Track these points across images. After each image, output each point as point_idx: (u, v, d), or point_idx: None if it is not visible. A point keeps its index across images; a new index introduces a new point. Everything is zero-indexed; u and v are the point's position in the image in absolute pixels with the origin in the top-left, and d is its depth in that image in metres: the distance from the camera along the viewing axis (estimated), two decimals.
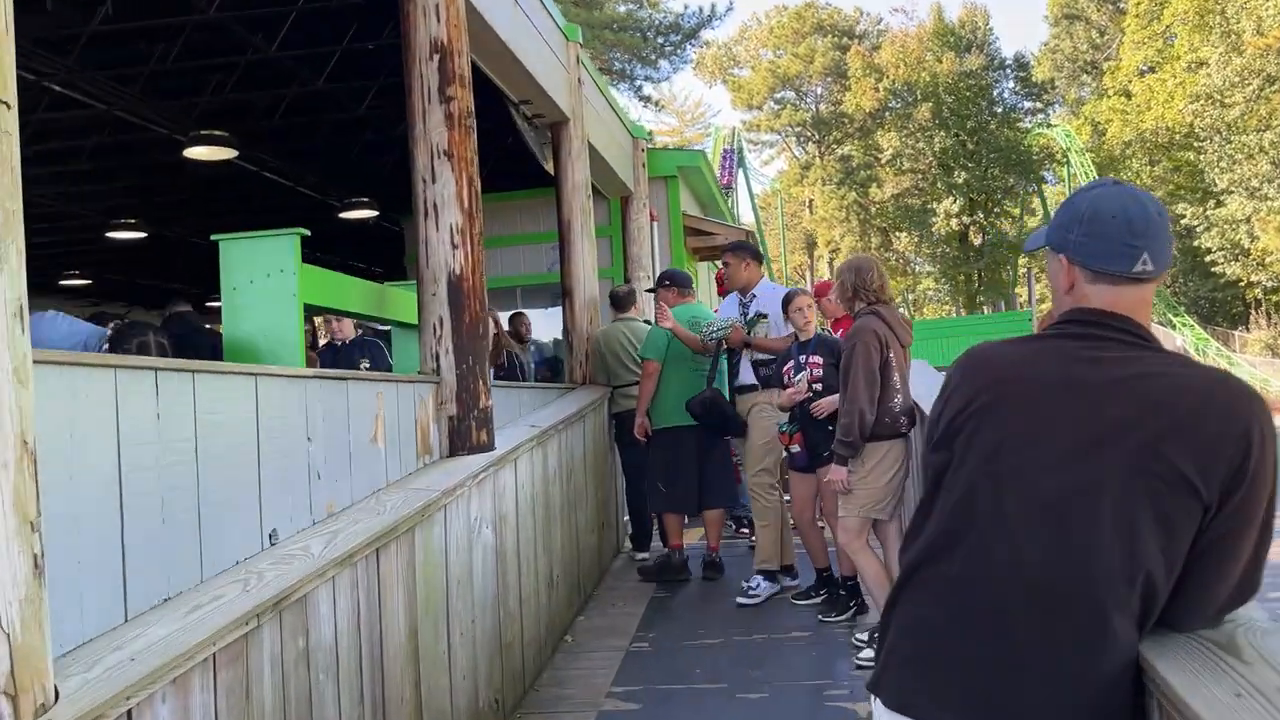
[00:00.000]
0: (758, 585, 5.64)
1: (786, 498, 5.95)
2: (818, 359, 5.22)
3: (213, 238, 3.88)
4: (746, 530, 7.07)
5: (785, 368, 5.34)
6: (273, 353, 3.80)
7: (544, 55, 6.52)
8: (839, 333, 5.97)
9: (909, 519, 5.25)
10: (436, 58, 4.33)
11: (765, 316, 5.88)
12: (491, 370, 6.54)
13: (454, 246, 4.32)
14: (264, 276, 3.82)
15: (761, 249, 12.32)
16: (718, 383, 5.90)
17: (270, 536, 2.90)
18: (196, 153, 7.51)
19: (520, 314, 9.03)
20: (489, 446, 4.39)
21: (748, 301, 6.08)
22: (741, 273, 6.11)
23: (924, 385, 4.84)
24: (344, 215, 10.19)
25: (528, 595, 4.77)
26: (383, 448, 3.71)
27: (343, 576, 2.91)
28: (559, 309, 7.35)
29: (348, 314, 5.91)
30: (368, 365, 6.43)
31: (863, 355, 4.45)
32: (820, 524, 5.59)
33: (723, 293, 7.28)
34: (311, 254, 13.11)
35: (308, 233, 3.83)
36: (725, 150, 34.13)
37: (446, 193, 4.33)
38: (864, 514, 4.61)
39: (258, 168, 8.96)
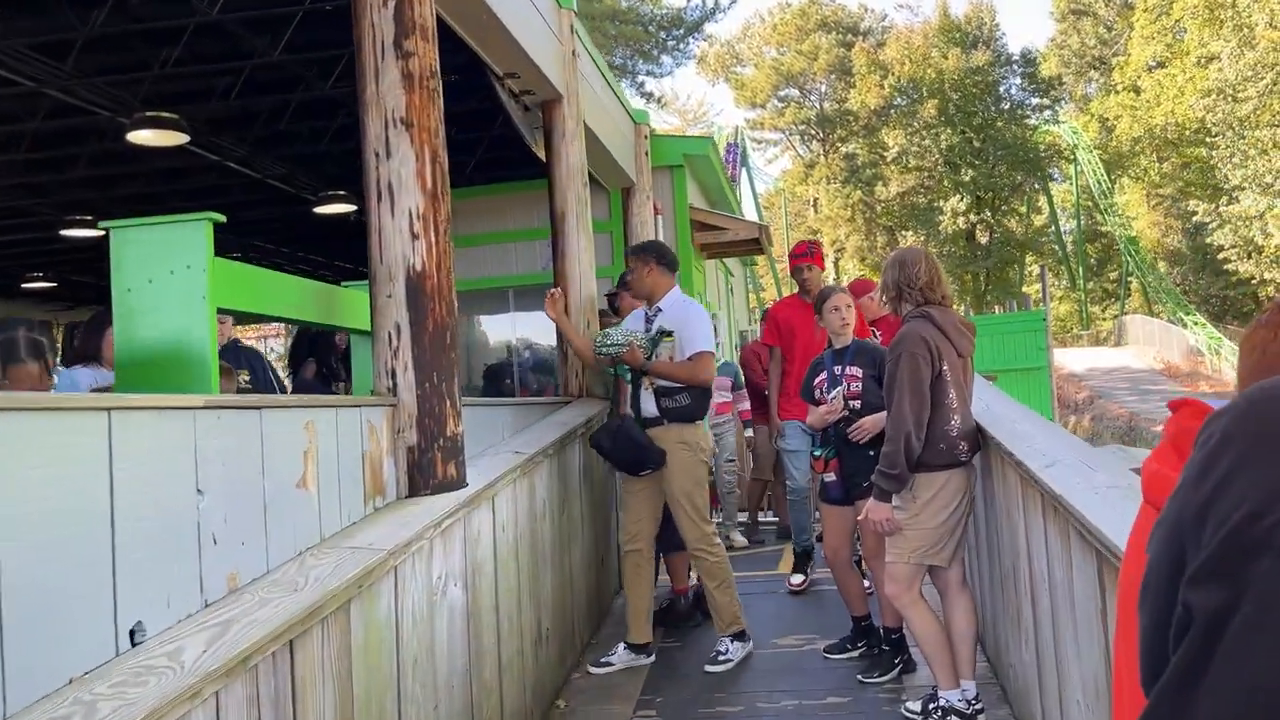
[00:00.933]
0: (728, 650, 4.74)
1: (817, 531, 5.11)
2: (856, 370, 4.39)
3: (101, 225, 3.06)
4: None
5: (818, 380, 4.51)
6: (177, 372, 2.97)
7: (532, 20, 5.69)
8: (880, 336, 5.13)
9: (973, 562, 4.45)
10: (392, 2, 3.50)
11: (670, 335, 4.75)
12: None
13: (414, 236, 3.49)
14: (166, 274, 2.99)
15: (769, 246, 11.46)
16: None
17: (132, 635, 2.07)
18: (141, 137, 6.66)
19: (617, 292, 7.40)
20: (459, 482, 3.56)
21: (652, 315, 4.93)
22: (645, 279, 4.92)
23: (989, 404, 4.00)
24: (320, 210, 9.36)
25: (509, 659, 3.94)
26: (315, 493, 2.89)
27: (232, 690, 2.08)
28: None
29: (285, 320, 5.04)
30: (247, 381, 5.40)
31: (909, 368, 3.62)
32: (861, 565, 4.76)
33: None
34: (290, 254, 12.31)
35: (221, 218, 3.00)
36: (729, 145, 33.33)
37: (405, 170, 3.50)
38: (917, 560, 3.78)
39: (220, 157, 8.11)
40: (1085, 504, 2.55)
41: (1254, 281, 40.45)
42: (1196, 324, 41.87)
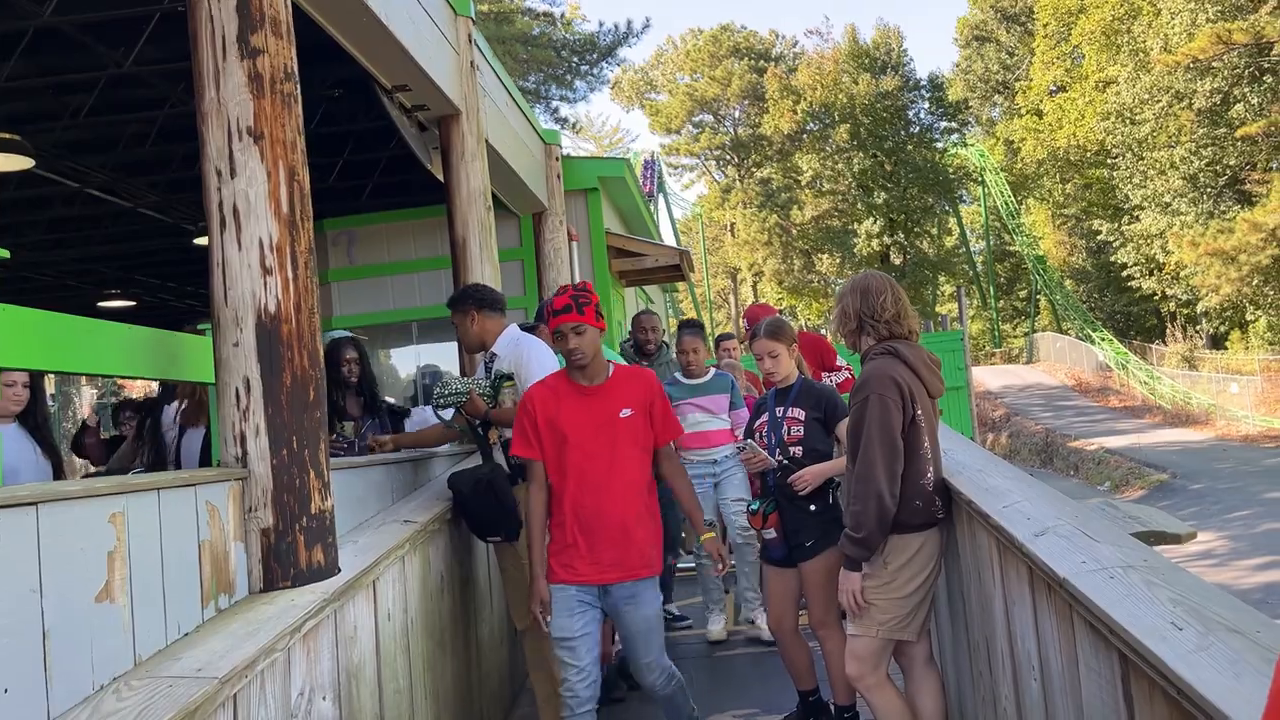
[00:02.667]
0: None
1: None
2: (798, 413, 3.86)
3: None
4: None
5: (759, 423, 3.98)
6: None
7: (423, 27, 5.10)
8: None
9: (941, 635, 3.93)
10: None
11: (510, 380, 4.18)
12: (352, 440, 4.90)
13: (266, 271, 2.87)
14: None
15: (690, 272, 11.00)
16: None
17: None
18: None
19: (645, 314, 6.42)
20: (329, 569, 2.93)
21: (489, 361, 4.38)
22: (471, 331, 4.34)
23: (944, 449, 3.50)
24: (199, 242, 8.58)
25: None
26: (125, 605, 2.24)
27: None
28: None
29: (109, 376, 4.31)
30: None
31: (878, 414, 3.08)
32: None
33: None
34: (178, 290, 11.40)
35: (6, 254, 2.34)
36: (646, 161, 33.03)
37: (254, 192, 2.88)
38: (886, 634, 3.24)
39: (80, 184, 7.28)
40: (1101, 594, 2.04)
41: (1156, 298, 41.64)
42: (1104, 340, 42.85)
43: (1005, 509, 2.78)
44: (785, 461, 3.83)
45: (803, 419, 3.82)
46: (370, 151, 7.49)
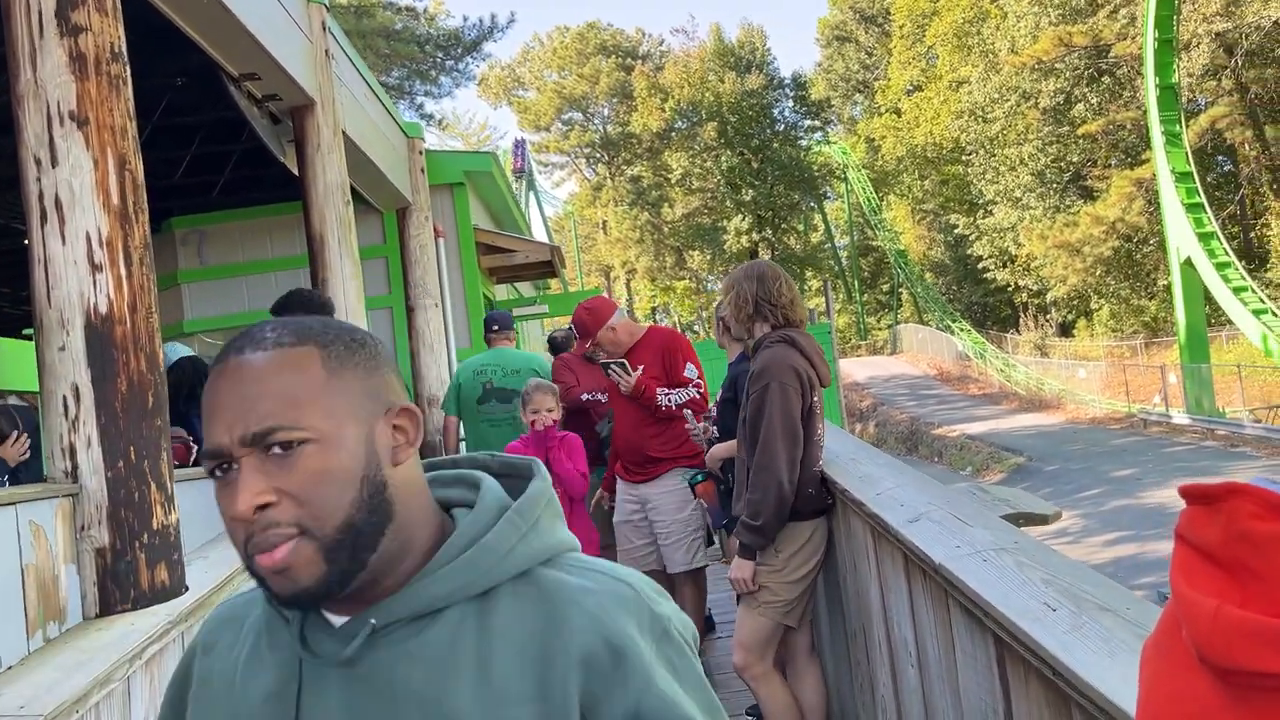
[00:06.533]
0: None
1: None
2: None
3: None
4: None
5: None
6: None
7: (273, 13, 4.84)
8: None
9: (819, 625, 3.92)
10: None
11: None
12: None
13: (95, 268, 2.63)
14: None
15: (562, 269, 10.89)
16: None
17: None
18: None
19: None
20: (175, 589, 2.71)
21: None
22: None
23: (832, 442, 3.50)
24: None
25: None
26: None
27: None
28: None
29: None
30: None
31: (780, 402, 3.05)
32: None
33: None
34: (13, 296, 10.62)
35: None
36: (516, 140, 32.70)
37: (79, 182, 2.64)
38: (775, 617, 3.22)
39: None
40: (975, 577, 2.04)
41: (1009, 289, 43.66)
42: (962, 330, 44.67)
43: (879, 496, 2.78)
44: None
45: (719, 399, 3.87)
46: (221, 145, 7.09)
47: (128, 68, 2.82)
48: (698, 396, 4.22)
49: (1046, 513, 2.62)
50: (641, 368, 4.19)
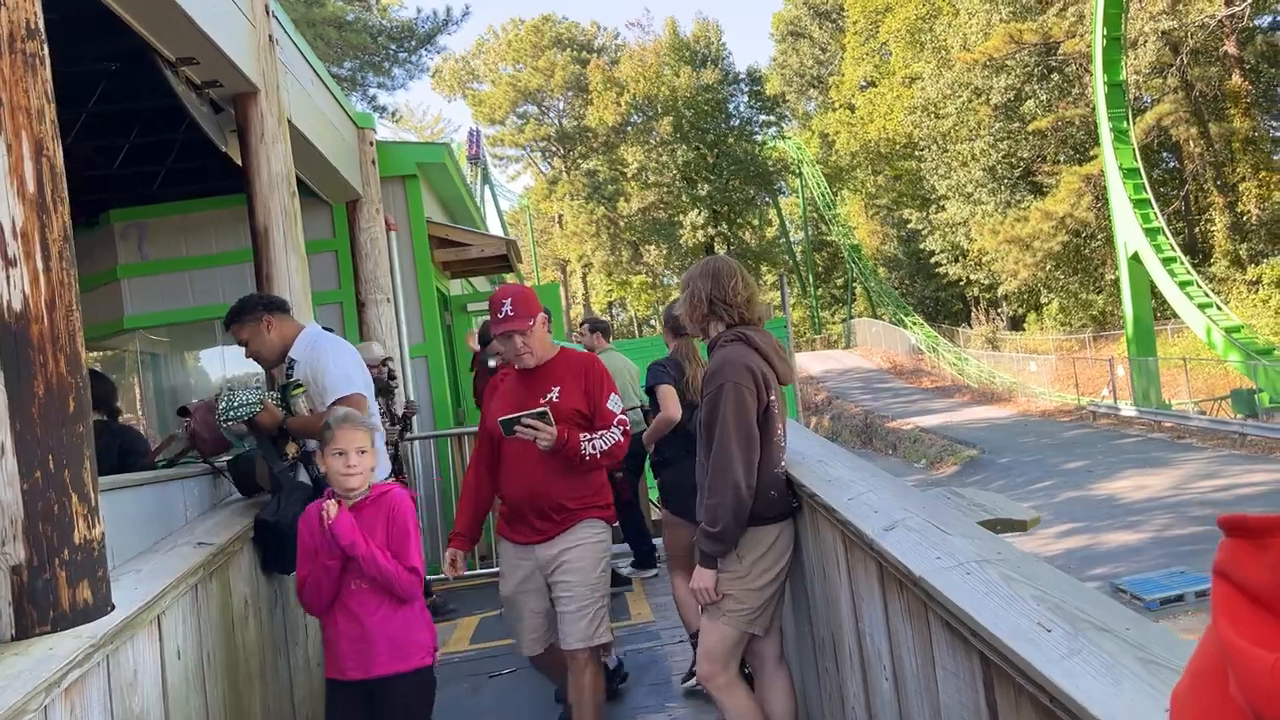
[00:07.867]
0: None
1: None
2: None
3: None
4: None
5: None
6: None
7: None
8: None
9: (785, 630, 3.80)
10: None
11: (300, 387, 3.73)
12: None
13: (9, 262, 2.43)
14: None
15: (518, 263, 10.68)
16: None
17: None
18: None
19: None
20: (100, 608, 2.52)
21: (289, 370, 3.88)
22: (270, 337, 3.82)
23: (798, 442, 3.38)
24: None
25: None
26: None
27: None
28: None
29: None
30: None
31: (734, 403, 2.92)
32: None
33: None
34: None
35: None
36: (471, 131, 32.39)
37: None
38: (740, 625, 3.09)
39: None
40: (959, 592, 1.92)
41: (961, 283, 44.10)
42: (915, 324, 45.05)
43: (851, 501, 2.66)
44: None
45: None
46: (161, 134, 6.81)
47: (45, 45, 2.61)
48: (621, 439, 3.49)
49: (1025, 519, 2.52)
50: (557, 389, 3.48)
